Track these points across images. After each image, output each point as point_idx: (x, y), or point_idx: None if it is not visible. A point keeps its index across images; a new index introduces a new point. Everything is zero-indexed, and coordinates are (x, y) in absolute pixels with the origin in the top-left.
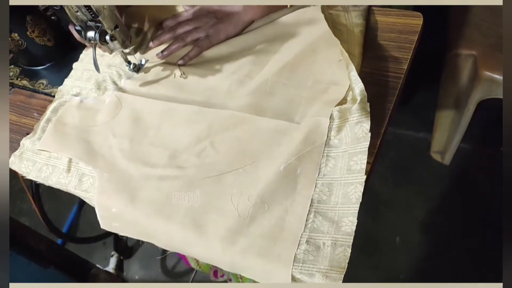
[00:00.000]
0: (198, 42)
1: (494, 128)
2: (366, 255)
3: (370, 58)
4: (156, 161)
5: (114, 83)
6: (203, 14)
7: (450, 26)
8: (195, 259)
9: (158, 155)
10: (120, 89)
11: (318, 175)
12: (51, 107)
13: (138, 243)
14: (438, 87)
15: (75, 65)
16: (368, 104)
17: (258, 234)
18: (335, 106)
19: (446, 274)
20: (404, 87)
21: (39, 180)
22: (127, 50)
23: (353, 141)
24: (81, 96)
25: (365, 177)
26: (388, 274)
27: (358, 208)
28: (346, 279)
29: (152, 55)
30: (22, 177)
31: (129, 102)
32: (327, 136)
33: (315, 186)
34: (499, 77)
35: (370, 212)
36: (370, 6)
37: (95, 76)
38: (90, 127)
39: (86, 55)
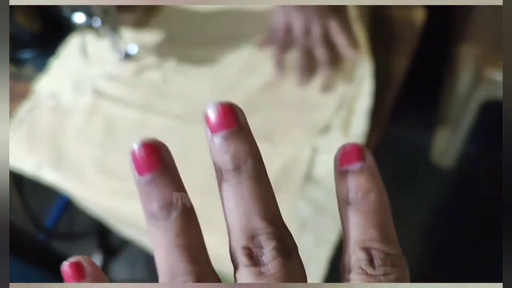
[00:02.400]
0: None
1: (496, 131)
2: None
3: (371, 51)
4: (125, 173)
5: (92, 84)
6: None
7: (452, 25)
8: None
9: (127, 167)
10: (98, 92)
11: (293, 209)
12: (25, 107)
13: (124, 242)
14: (440, 89)
15: (52, 61)
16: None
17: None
18: (319, 135)
19: (446, 279)
20: (404, 82)
21: None
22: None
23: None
24: (57, 97)
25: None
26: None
27: (329, 253)
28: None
29: (144, 41)
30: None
31: (104, 109)
32: (307, 169)
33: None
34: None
35: None
36: None
37: (72, 75)
38: (62, 131)
39: (65, 51)
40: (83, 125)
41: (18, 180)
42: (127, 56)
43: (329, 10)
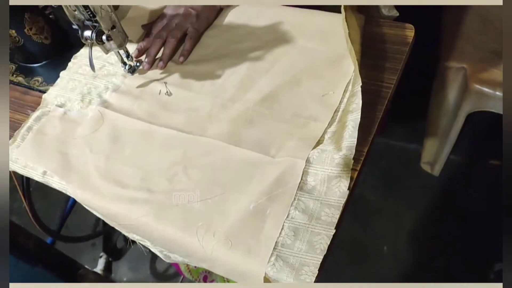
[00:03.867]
0: (188, 35)
1: (483, 140)
2: (354, 263)
3: (362, 67)
4: (128, 181)
5: (99, 95)
6: (178, 11)
7: (442, 38)
8: (186, 264)
9: (131, 175)
10: (104, 102)
11: (287, 217)
12: (34, 115)
13: (127, 245)
14: (429, 99)
15: (62, 73)
16: (352, 161)
17: (220, 271)
18: (314, 147)
19: (438, 282)
20: (393, 96)
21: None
22: (123, 54)
23: (328, 193)
24: (65, 107)
25: (334, 231)
26: (375, 282)
27: (321, 260)
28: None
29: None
30: (14, 173)
31: (110, 119)
32: (301, 179)
33: (282, 229)
34: (488, 90)
35: (359, 220)
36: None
37: (80, 86)
38: (69, 139)
39: (74, 64)
40: (89, 134)
41: (26, 185)
42: (133, 70)
43: (196, 17)
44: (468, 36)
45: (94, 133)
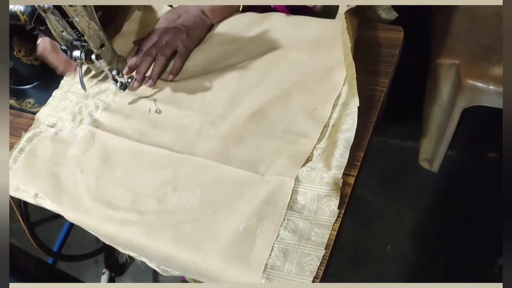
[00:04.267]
0: (178, 53)
1: (479, 134)
2: (357, 264)
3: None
4: (118, 203)
5: (90, 114)
6: (169, 27)
7: (432, 37)
8: None
9: (121, 197)
10: (95, 122)
11: (276, 238)
12: (25, 136)
13: (130, 260)
14: (423, 96)
15: (54, 92)
16: (342, 180)
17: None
18: (303, 165)
19: (438, 282)
20: (386, 99)
21: None
22: (114, 71)
23: (318, 212)
24: (56, 127)
25: (324, 251)
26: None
27: (311, 281)
28: None
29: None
30: (11, 196)
31: (101, 139)
32: (291, 198)
33: (271, 250)
34: (482, 85)
35: (360, 221)
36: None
37: (71, 106)
38: (60, 160)
39: (66, 82)
40: (80, 155)
41: (24, 207)
42: (124, 86)
43: (186, 34)
44: (459, 34)
45: (84, 153)
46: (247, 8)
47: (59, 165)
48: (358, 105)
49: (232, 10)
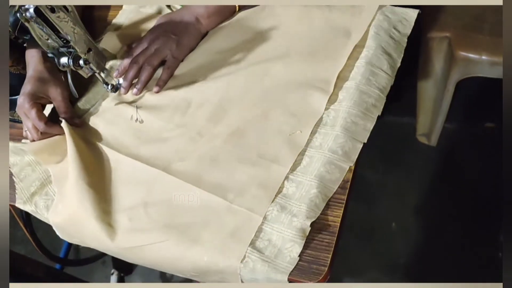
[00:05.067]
0: (166, 64)
1: (475, 105)
2: (364, 242)
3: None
4: (88, 213)
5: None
6: (160, 35)
7: (422, 12)
8: None
9: (94, 207)
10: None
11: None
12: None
13: None
14: (416, 71)
15: None
16: (310, 229)
17: None
18: (275, 197)
19: (444, 255)
20: None
21: None
22: (102, 74)
23: (279, 256)
24: None
25: None
26: (387, 260)
27: None
28: (346, 268)
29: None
30: (11, 205)
31: (82, 143)
32: (255, 235)
33: None
34: (474, 56)
35: (363, 200)
36: None
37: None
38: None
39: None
40: (63, 162)
41: (26, 215)
42: (116, 88)
43: (176, 43)
44: (449, 8)
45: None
46: (244, 8)
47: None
48: (352, 165)
49: (229, 12)
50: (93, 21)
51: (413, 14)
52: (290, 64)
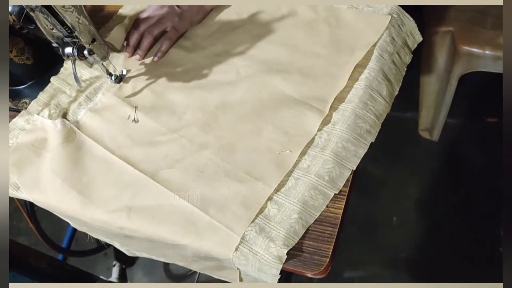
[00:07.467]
0: (166, 34)
1: (477, 101)
2: (365, 237)
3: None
4: (75, 213)
5: (74, 113)
6: (165, 6)
7: (425, 6)
8: None
9: (81, 207)
10: (77, 123)
11: None
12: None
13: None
14: (419, 66)
15: (52, 79)
16: (286, 257)
17: None
18: (256, 217)
19: (445, 250)
20: None
21: None
22: (106, 63)
23: (257, 280)
24: (43, 116)
25: None
26: (389, 254)
27: None
28: (347, 262)
29: (132, 64)
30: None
31: (78, 140)
32: (232, 255)
33: None
34: (477, 50)
35: (365, 194)
36: None
37: (64, 97)
38: (38, 150)
39: (66, 70)
40: (57, 146)
41: (30, 205)
42: (119, 79)
43: (179, 15)
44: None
45: (61, 149)
46: None
47: (38, 155)
48: (339, 189)
49: None
50: (98, 11)
51: (418, 38)
52: (289, 79)
